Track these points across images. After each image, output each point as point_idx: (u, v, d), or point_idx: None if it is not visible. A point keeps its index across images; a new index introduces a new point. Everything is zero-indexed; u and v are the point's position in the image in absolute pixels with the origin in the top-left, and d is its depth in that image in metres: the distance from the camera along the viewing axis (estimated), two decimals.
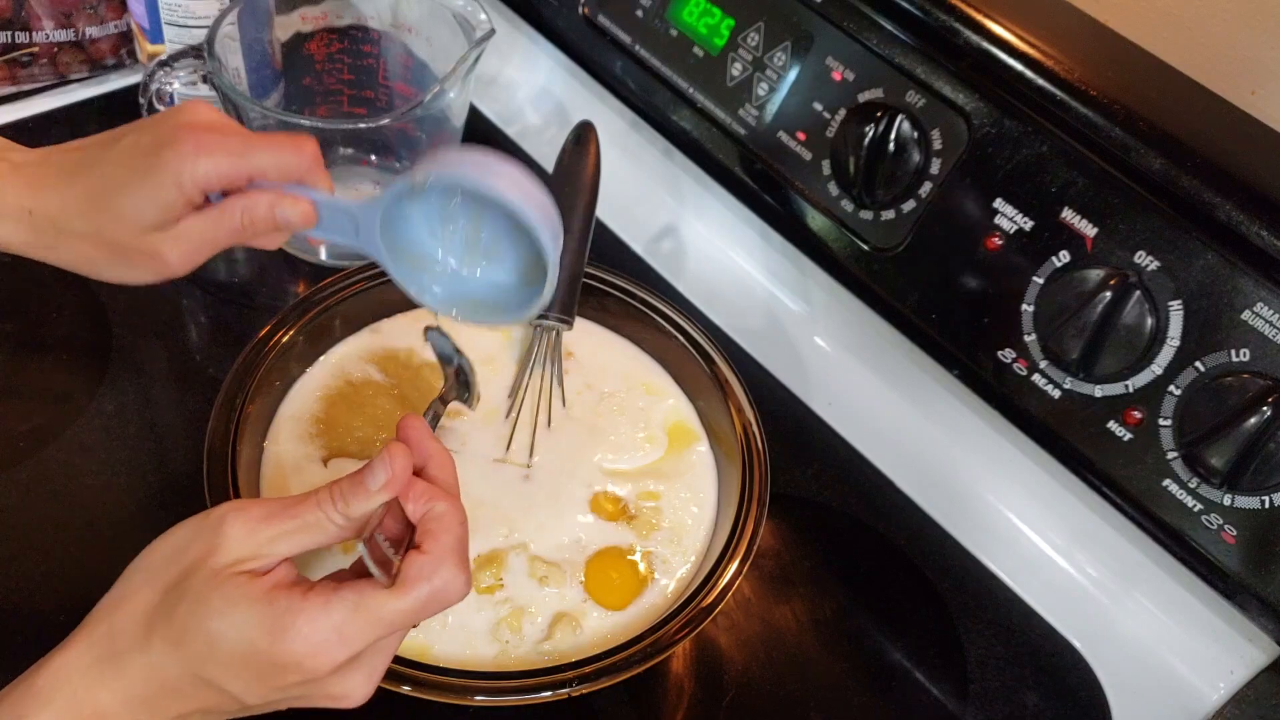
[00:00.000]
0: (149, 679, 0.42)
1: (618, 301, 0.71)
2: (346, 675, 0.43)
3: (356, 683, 0.44)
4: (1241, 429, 0.54)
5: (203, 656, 0.42)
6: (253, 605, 0.42)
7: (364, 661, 0.44)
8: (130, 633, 0.42)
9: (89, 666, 0.42)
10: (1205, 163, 0.54)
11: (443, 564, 0.44)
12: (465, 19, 0.75)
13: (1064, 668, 0.66)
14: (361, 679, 0.44)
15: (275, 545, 0.43)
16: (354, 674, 0.44)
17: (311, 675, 0.42)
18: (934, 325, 0.66)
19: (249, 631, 0.41)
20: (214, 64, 0.70)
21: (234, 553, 0.43)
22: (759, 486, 0.61)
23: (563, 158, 0.73)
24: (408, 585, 0.43)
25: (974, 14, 0.61)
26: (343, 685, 0.44)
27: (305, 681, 0.42)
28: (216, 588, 0.42)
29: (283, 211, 0.51)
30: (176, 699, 0.42)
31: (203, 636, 0.42)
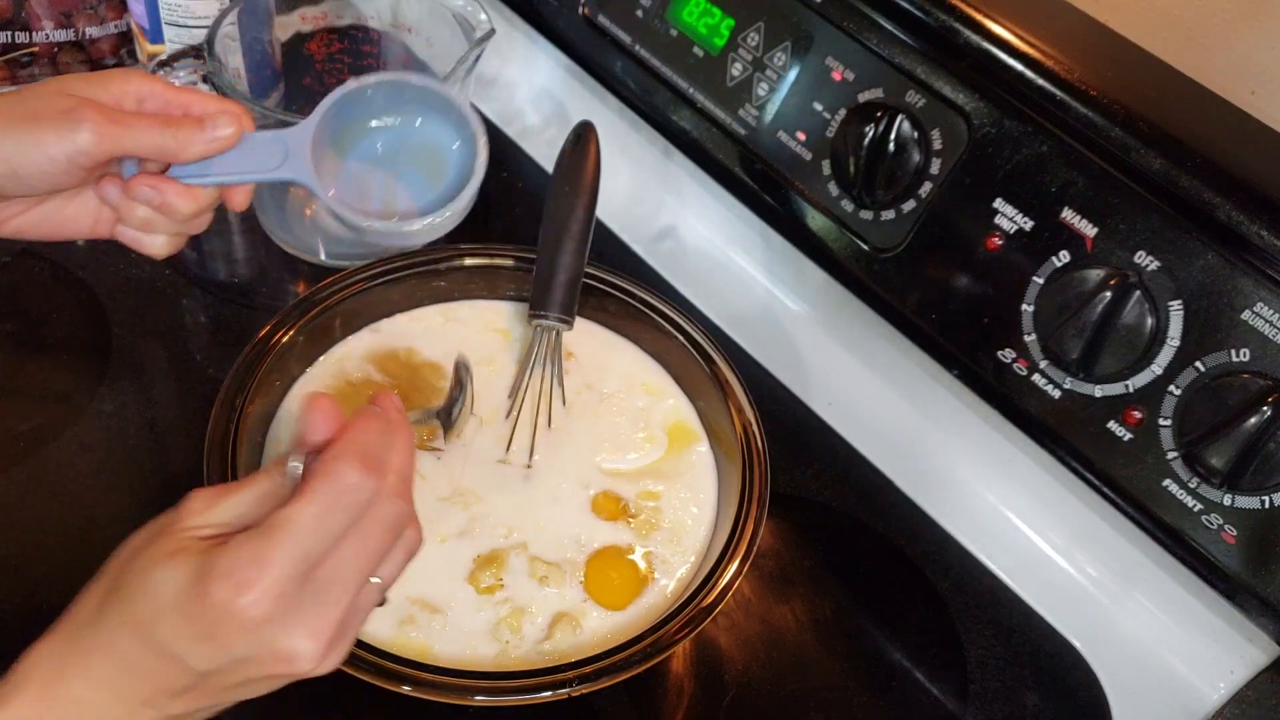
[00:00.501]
0: (108, 657, 0.42)
1: (618, 301, 0.71)
2: (286, 626, 0.41)
3: (300, 637, 0.42)
4: (1241, 429, 0.54)
5: (147, 617, 0.41)
6: (188, 556, 0.42)
7: (304, 612, 0.42)
8: (89, 609, 0.43)
9: (59, 653, 0.42)
10: (1205, 163, 0.54)
11: (338, 459, 0.43)
12: (465, 19, 0.75)
13: (1064, 668, 0.66)
14: (304, 634, 0.42)
15: (229, 512, 0.44)
16: (295, 626, 0.42)
17: (245, 620, 0.41)
18: (934, 325, 0.66)
19: (180, 577, 0.41)
20: (214, 64, 0.70)
21: (189, 520, 0.43)
22: (759, 486, 0.61)
23: (562, 158, 0.73)
24: (304, 487, 0.43)
25: (974, 14, 0.61)
26: (287, 639, 0.41)
27: (243, 631, 0.41)
28: (162, 547, 0.42)
29: (212, 128, 0.51)
30: (136, 677, 0.42)
31: (143, 592, 0.42)
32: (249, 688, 0.43)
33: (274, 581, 0.41)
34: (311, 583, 0.42)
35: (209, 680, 0.42)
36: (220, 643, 0.41)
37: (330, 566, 0.43)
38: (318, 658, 0.42)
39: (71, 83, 0.50)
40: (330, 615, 0.43)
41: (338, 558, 0.43)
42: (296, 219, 0.80)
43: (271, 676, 0.43)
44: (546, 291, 0.68)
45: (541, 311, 0.68)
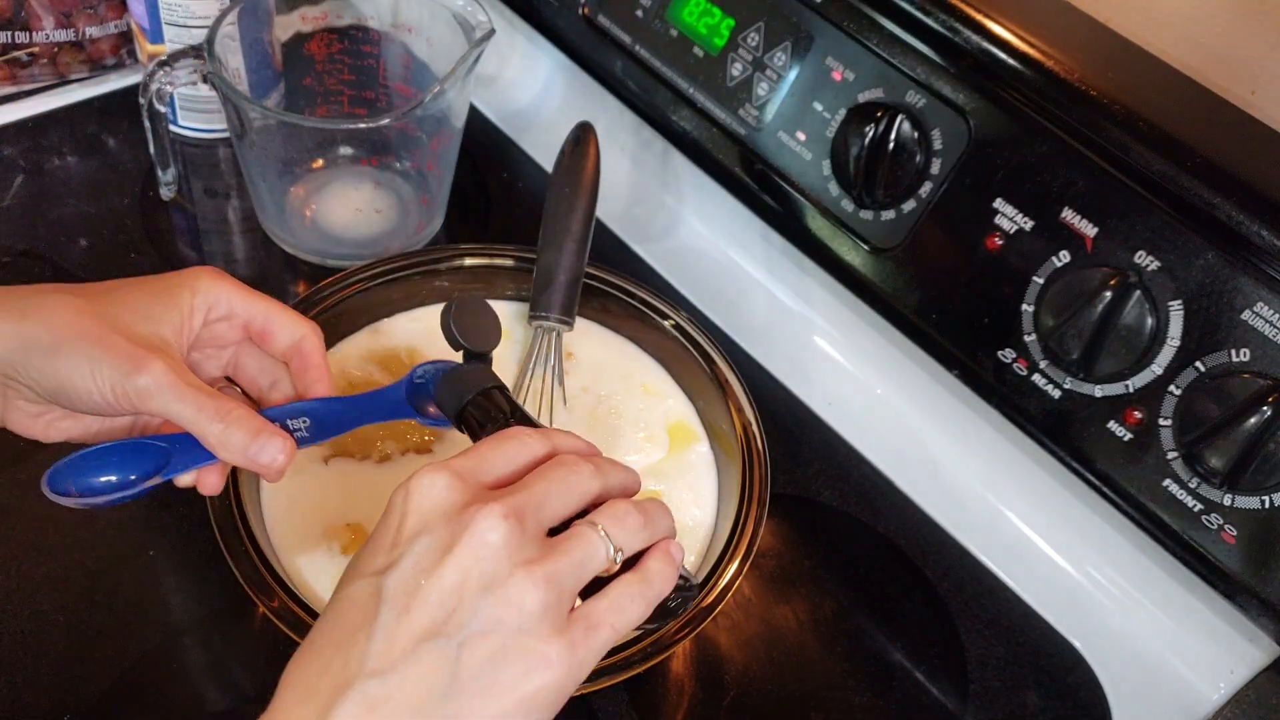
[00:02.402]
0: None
1: (618, 301, 0.71)
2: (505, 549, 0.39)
3: (531, 584, 0.39)
4: (1242, 429, 0.54)
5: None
6: None
7: (527, 534, 0.41)
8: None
9: None
10: (1205, 163, 0.54)
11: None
12: (465, 19, 0.75)
13: (1064, 668, 0.66)
14: (532, 585, 0.39)
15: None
16: (523, 569, 0.39)
17: (422, 515, 0.40)
18: (934, 325, 0.66)
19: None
20: (214, 64, 0.70)
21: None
22: (759, 486, 0.61)
23: (562, 158, 0.73)
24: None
25: (974, 14, 0.61)
26: (518, 587, 0.39)
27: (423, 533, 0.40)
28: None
29: (257, 450, 0.48)
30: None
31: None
32: (479, 649, 0.39)
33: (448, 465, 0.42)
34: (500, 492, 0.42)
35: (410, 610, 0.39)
36: (396, 547, 0.41)
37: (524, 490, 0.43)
38: (536, 593, 0.40)
39: (146, 297, 0.49)
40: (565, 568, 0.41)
41: (528, 482, 0.43)
42: (297, 219, 0.80)
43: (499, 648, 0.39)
44: (546, 292, 0.68)
45: (542, 312, 0.68)
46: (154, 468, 0.48)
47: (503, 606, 0.39)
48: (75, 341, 0.46)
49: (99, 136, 0.86)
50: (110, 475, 0.47)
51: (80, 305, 0.47)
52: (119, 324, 0.47)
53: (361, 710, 0.38)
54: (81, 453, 0.48)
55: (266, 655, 0.60)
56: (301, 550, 0.59)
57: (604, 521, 0.43)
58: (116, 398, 0.46)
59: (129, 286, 0.50)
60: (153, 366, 0.46)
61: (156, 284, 0.50)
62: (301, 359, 0.54)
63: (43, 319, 0.46)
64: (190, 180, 0.85)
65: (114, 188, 0.82)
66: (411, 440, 0.65)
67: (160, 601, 0.61)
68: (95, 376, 0.46)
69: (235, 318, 0.53)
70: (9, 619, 0.59)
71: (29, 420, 0.50)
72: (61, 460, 0.47)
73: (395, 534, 0.41)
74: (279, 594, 0.53)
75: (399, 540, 0.41)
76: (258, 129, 0.72)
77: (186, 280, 0.51)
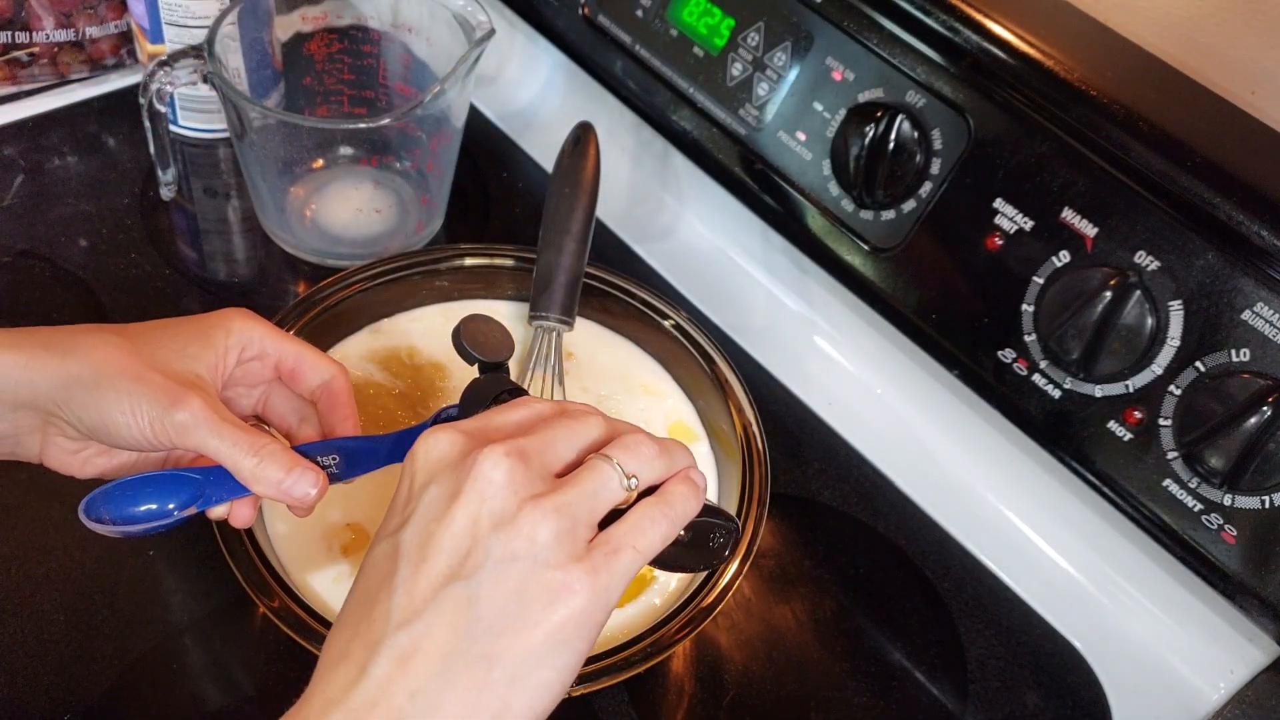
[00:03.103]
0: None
1: (618, 301, 0.71)
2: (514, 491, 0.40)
3: (541, 515, 0.39)
4: (1242, 429, 0.54)
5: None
6: None
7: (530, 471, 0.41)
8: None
9: None
10: (1205, 163, 0.54)
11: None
12: (465, 19, 0.75)
13: (1064, 668, 0.66)
14: (541, 515, 0.39)
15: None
16: (532, 504, 0.40)
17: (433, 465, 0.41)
18: (934, 325, 0.66)
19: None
20: (214, 64, 0.70)
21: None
22: (759, 486, 0.61)
23: (562, 158, 0.73)
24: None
25: (974, 14, 0.61)
26: (528, 520, 0.39)
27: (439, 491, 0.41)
28: None
29: (291, 484, 0.49)
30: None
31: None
32: (492, 575, 0.39)
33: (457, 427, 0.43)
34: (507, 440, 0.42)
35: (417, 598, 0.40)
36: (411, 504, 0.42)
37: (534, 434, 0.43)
38: (582, 565, 0.40)
39: (182, 337, 0.51)
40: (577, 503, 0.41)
41: (539, 428, 0.44)
42: (297, 219, 0.80)
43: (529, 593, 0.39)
44: (546, 292, 0.68)
45: (542, 312, 0.68)
46: (189, 499, 0.49)
47: (516, 541, 0.39)
48: (116, 378, 0.47)
49: (99, 136, 0.86)
50: (149, 504, 0.48)
51: (120, 343, 0.49)
52: (157, 361, 0.49)
53: (394, 664, 0.38)
54: (119, 482, 0.49)
55: (266, 655, 0.60)
56: (301, 550, 0.59)
57: (616, 453, 0.43)
58: (155, 433, 0.48)
59: (165, 327, 0.52)
60: (190, 402, 0.47)
61: (192, 325, 0.52)
62: (330, 398, 0.55)
63: (84, 356, 0.48)
64: (190, 180, 0.85)
65: (114, 188, 0.83)
66: None
67: (160, 601, 0.61)
68: (135, 412, 0.47)
69: (267, 357, 0.54)
70: (9, 619, 0.59)
71: (67, 457, 0.51)
72: (98, 489, 0.48)
73: (407, 494, 0.42)
74: (279, 594, 0.53)
75: (411, 497, 0.42)
76: (258, 129, 0.72)
77: (220, 321, 0.52)
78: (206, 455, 0.48)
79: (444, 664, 0.38)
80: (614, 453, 0.43)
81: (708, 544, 0.46)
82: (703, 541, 0.46)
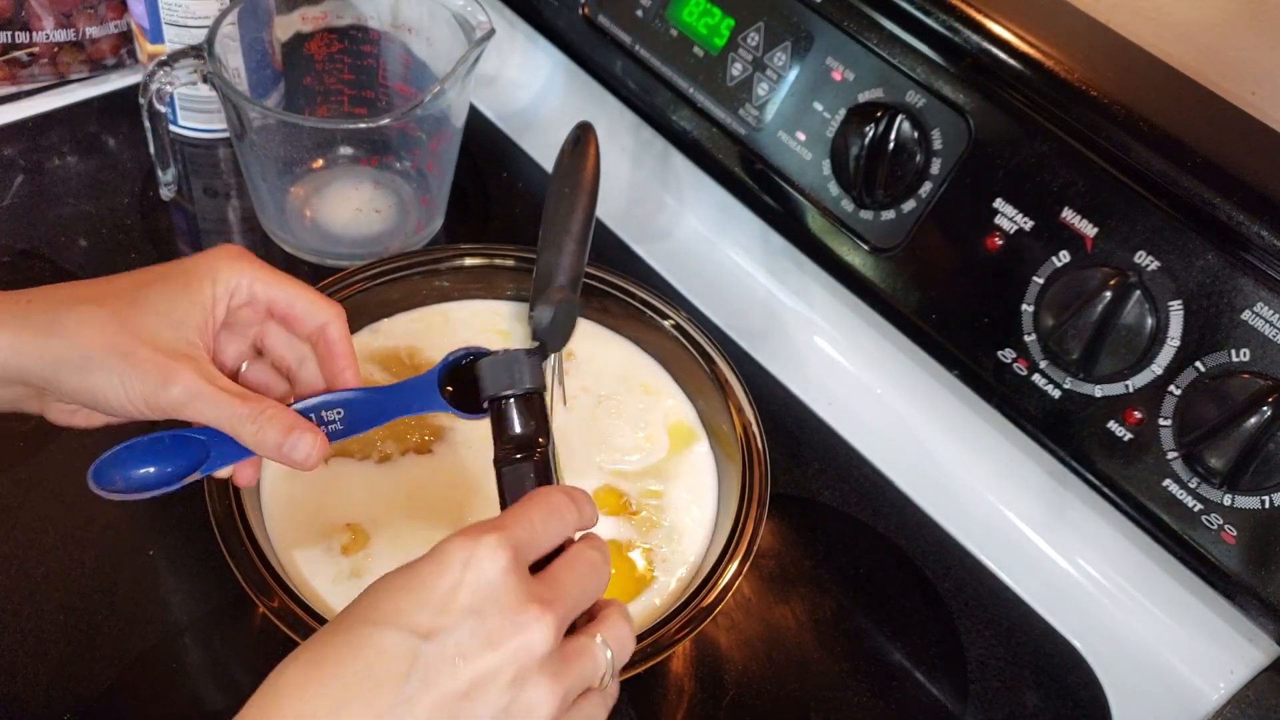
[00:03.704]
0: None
1: (618, 301, 0.71)
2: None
3: (548, 694, 0.41)
4: (1241, 429, 0.54)
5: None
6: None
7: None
8: None
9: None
10: (1205, 163, 0.54)
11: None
12: (465, 19, 0.75)
13: (1064, 668, 0.66)
14: (549, 695, 0.41)
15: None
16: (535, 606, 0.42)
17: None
18: (934, 325, 0.66)
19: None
20: (214, 64, 0.70)
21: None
22: (759, 486, 0.61)
23: (562, 158, 0.73)
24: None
25: (974, 14, 0.61)
26: (538, 694, 0.41)
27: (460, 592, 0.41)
28: None
29: (290, 447, 0.48)
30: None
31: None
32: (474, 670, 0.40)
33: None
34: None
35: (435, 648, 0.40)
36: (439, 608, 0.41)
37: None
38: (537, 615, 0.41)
39: (168, 298, 0.49)
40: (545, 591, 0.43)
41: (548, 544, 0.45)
42: (296, 219, 0.80)
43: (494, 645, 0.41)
44: (546, 292, 0.68)
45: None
46: (194, 461, 0.49)
47: (518, 712, 0.41)
48: (104, 357, 0.46)
49: (99, 136, 0.86)
50: (152, 468, 0.49)
51: (105, 317, 0.47)
52: (144, 333, 0.47)
53: None
54: (125, 445, 0.49)
55: (266, 655, 0.59)
56: (301, 550, 0.59)
57: (608, 636, 0.45)
58: (150, 408, 0.47)
59: (149, 284, 0.50)
60: (182, 375, 0.47)
61: (177, 279, 0.50)
62: (326, 345, 0.54)
63: (69, 335, 0.47)
64: (190, 180, 0.85)
65: (114, 188, 0.83)
66: (411, 441, 0.65)
67: (160, 601, 0.61)
68: (126, 390, 0.47)
69: (258, 303, 0.52)
70: (9, 618, 0.59)
71: (68, 414, 0.52)
72: (104, 455, 0.49)
73: (447, 598, 0.41)
74: (279, 594, 0.53)
75: (448, 608, 0.41)
76: (257, 129, 0.72)
77: (207, 270, 0.50)
78: (206, 424, 0.48)
79: None
80: (605, 635, 0.45)
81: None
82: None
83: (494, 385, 0.52)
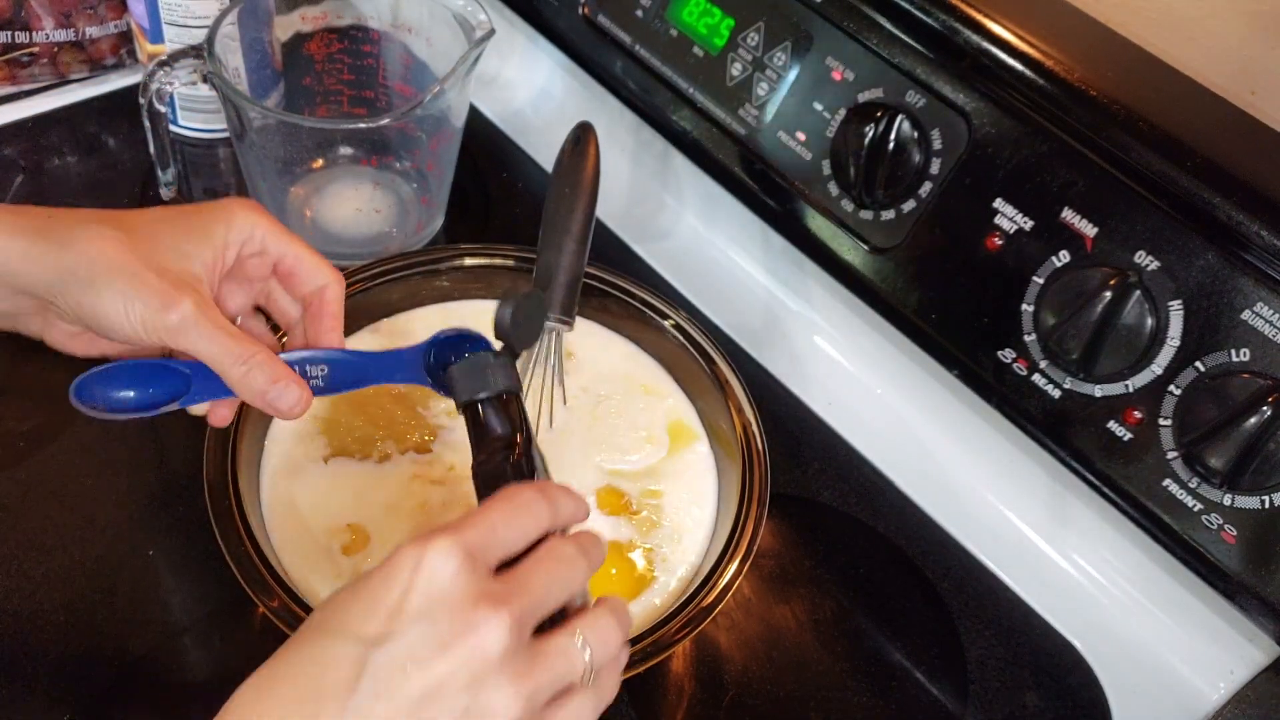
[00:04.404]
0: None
1: (618, 301, 0.71)
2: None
3: (512, 698, 0.40)
4: (1241, 429, 0.54)
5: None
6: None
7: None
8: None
9: None
10: (1205, 163, 0.54)
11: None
12: (465, 19, 0.75)
13: (1064, 668, 0.66)
14: (513, 699, 0.40)
15: None
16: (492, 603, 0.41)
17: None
18: (934, 325, 0.66)
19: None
20: (214, 64, 0.70)
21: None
22: (759, 486, 0.61)
23: (562, 159, 0.73)
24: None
25: (974, 14, 0.61)
26: (500, 698, 0.40)
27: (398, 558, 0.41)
28: None
29: (275, 396, 0.49)
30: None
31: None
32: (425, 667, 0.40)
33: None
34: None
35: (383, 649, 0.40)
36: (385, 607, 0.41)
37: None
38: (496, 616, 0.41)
39: (181, 232, 0.51)
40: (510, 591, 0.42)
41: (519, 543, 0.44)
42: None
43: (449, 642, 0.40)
44: (546, 292, 0.68)
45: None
46: (174, 391, 0.50)
47: (478, 714, 0.40)
48: (111, 276, 0.47)
49: (99, 136, 0.86)
50: (132, 391, 0.50)
51: (118, 238, 0.48)
52: (154, 260, 0.49)
53: None
54: (109, 366, 0.50)
55: (266, 655, 0.59)
56: (301, 550, 0.59)
57: (586, 632, 0.44)
58: (147, 332, 0.48)
59: (166, 219, 0.51)
60: (182, 304, 0.48)
61: (194, 217, 0.52)
62: (319, 306, 0.54)
63: (81, 250, 0.48)
64: (190, 180, 0.85)
65: (114, 188, 0.83)
66: (411, 440, 0.65)
67: (160, 601, 0.61)
68: (127, 311, 0.48)
69: (267, 254, 0.53)
70: (9, 618, 0.59)
71: (67, 339, 0.52)
72: (89, 372, 0.49)
73: (397, 604, 0.40)
74: (279, 594, 0.53)
75: (399, 614, 0.40)
76: (257, 129, 0.72)
77: (223, 214, 0.52)
78: (197, 357, 0.49)
79: None
80: (584, 630, 0.44)
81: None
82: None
83: (466, 390, 0.52)
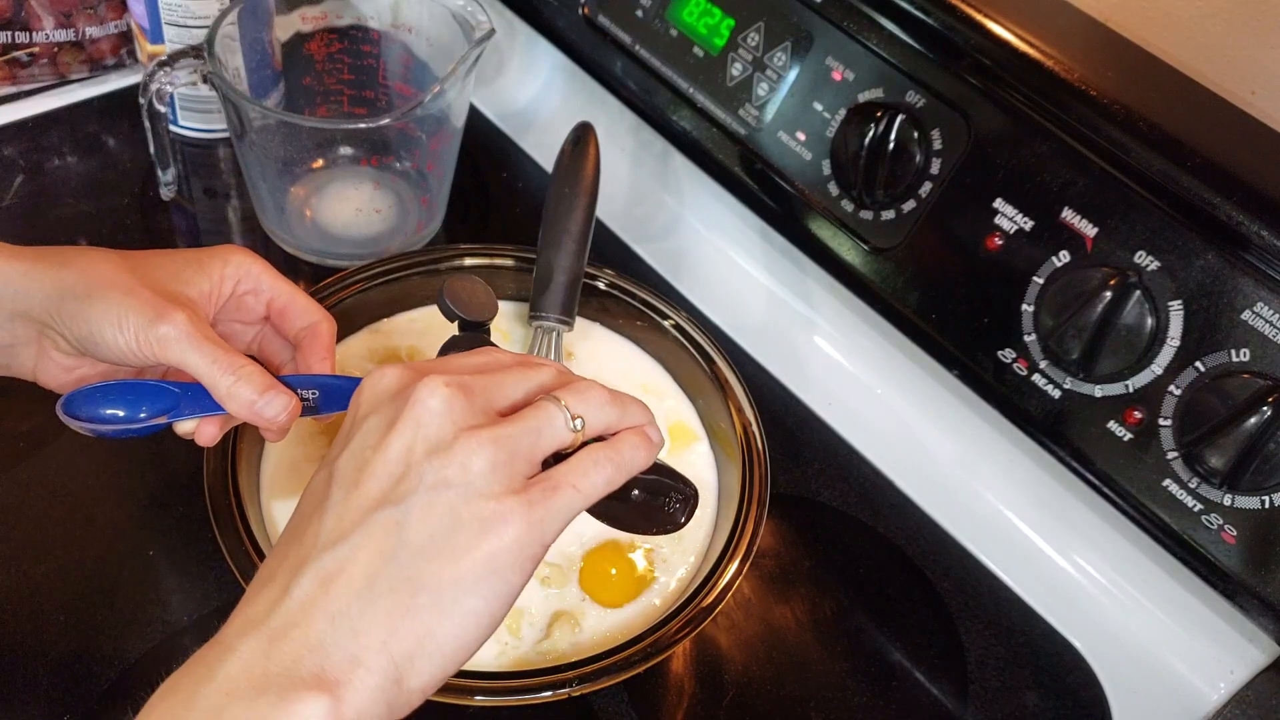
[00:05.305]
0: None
1: (618, 301, 0.71)
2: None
3: (477, 444, 0.39)
4: (1241, 429, 0.54)
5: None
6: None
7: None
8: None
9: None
10: (1205, 163, 0.54)
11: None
12: (465, 19, 0.75)
13: (1064, 668, 0.66)
14: (478, 444, 0.39)
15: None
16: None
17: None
18: (934, 325, 0.66)
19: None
20: (214, 64, 0.70)
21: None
22: (759, 486, 0.61)
23: (562, 158, 0.73)
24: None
25: (974, 14, 0.61)
26: (464, 448, 0.39)
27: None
28: None
29: (264, 405, 0.50)
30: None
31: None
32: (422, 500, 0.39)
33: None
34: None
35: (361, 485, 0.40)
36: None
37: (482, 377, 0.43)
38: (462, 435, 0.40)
39: (179, 263, 0.53)
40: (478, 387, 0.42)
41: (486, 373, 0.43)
42: (297, 219, 0.80)
43: (437, 482, 0.39)
44: (546, 292, 0.68)
45: (541, 312, 0.68)
46: (162, 408, 0.51)
47: (449, 468, 0.39)
48: (107, 290, 0.49)
49: (99, 136, 0.87)
50: (121, 410, 0.51)
51: (116, 259, 0.51)
52: (149, 279, 0.51)
53: (317, 585, 0.38)
54: (101, 384, 0.51)
55: None
56: None
57: (565, 395, 0.43)
58: (139, 344, 0.49)
59: (164, 254, 0.54)
60: (174, 317, 0.49)
61: (190, 254, 0.54)
62: (312, 339, 0.55)
63: (80, 269, 0.50)
64: (190, 180, 0.85)
65: (114, 188, 0.83)
66: None
67: (160, 601, 0.61)
68: (121, 324, 0.49)
69: (261, 293, 0.55)
70: (9, 619, 0.59)
71: (61, 373, 0.53)
72: (80, 389, 0.51)
73: (350, 424, 0.43)
74: None
75: (352, 426, 0.42)
76: (258, 129, 0.72)
77: (219, 253, 0.54)
78: (187, 370, 0.50)
79: (367, 587, 0.38)
80: (562, 394, 0.43)
81: (662, 507, 0.46)
82: (657, 503, 0.46)
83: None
